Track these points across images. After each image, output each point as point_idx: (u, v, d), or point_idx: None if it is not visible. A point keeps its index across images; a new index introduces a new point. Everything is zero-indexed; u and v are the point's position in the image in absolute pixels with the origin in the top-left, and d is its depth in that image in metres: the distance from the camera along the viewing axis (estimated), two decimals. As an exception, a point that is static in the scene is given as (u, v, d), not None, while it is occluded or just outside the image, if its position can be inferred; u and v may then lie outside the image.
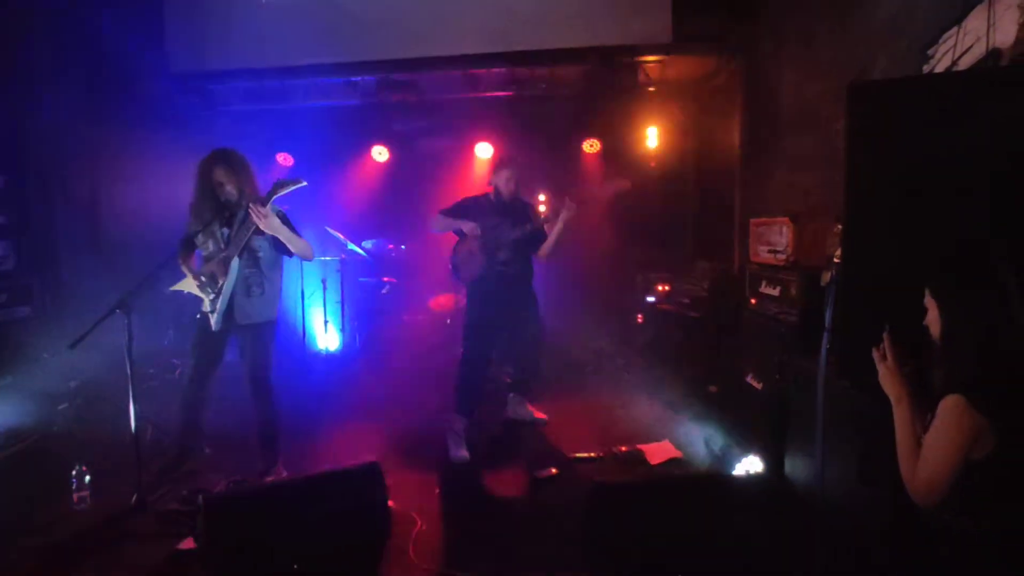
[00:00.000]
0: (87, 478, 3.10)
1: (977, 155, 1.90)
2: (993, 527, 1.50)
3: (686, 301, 5.05)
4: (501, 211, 3.94)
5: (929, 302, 1.65)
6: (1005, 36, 2.26)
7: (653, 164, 6.21)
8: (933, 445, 1.53)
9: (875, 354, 1.75)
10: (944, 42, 2.62)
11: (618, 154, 6.32)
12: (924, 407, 1.63)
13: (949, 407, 1.50)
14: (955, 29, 2.55)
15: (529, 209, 4.07)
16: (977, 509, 1.51)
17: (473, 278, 3.94)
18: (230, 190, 3.25)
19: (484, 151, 6.50)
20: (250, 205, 3.12)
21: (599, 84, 5.46)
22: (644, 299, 5.60)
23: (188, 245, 3.36)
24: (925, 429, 1.59)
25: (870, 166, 2.02)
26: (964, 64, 2.46)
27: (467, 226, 3.86)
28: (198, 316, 3.36)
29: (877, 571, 2.06)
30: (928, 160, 1.94)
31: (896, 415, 1.67)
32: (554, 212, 3.92)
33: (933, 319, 1.65)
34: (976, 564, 1.52)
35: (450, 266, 4.08)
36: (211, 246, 3.30)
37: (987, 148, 1.89)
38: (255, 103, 6.01)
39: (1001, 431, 1.46)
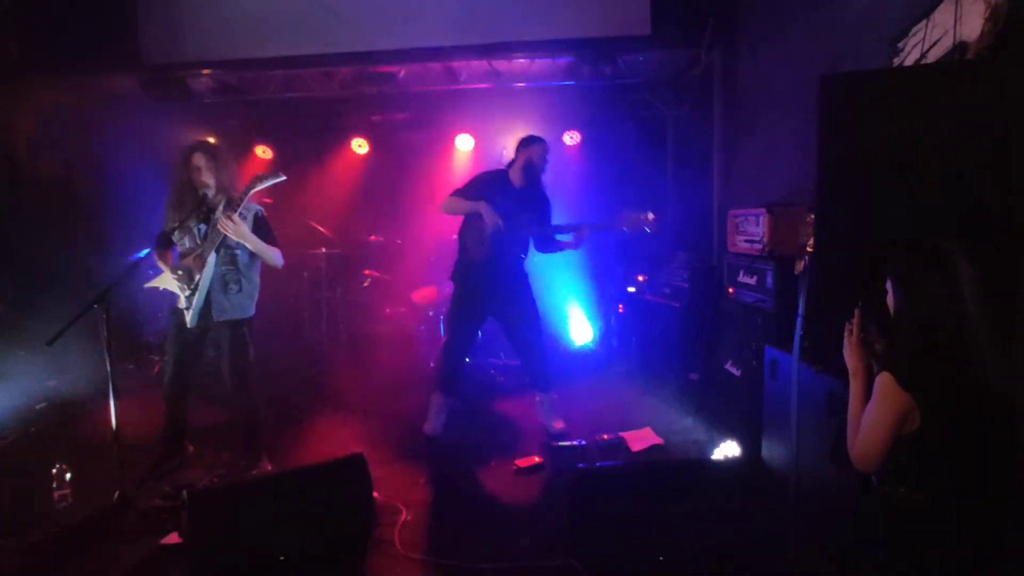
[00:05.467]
0: (67, 476, 3.07)
1: (943, 146, 1.96)
2: (925, 498, 1.59)
3: (667, 291, 5.11)
4: (520, 198, 3.78)
5: (888, 285, 1.72)
6: (971, 30, 2.32)
7: (632, 154, 6.27)
8: (867, 417, 1.63)
9: (845, 329, 1.82)
10: (913, 35, 2.68)
11: (597, 145, 6.36)
12: None
13: (880, 383, 1.60)
14: (924, 22, 2.61)
15: (547, 203, 3.93)
16: (910, 481, 1.61)
17: (480, 260, 3.78)
18: (208, 179, 3.21)
19: (464, 143, 6.49)
20: (221, 215, 3.10)
21: (578, 76, 5.48)
22: (626, 289, 5.66)
23: (165, 241, 3.32)
24: None
25: (841, 157, 2.07)
26: (932, 57, 2.52)
27: (488, 214, 3.64)
28: (174, 313, 3.33)
29: (847, 547, 2.13)
30: (897, 151, 2.00)
31: (851, 387, 1.75)
32: (576, 238, 3.84)
33: (890, 301, 1.72)
34: (913, 531, 1.62)
35: (459, 243, 3.91)
36: (187, 242, 3.26)
37: (952, 140, 1.96)
38: (232, 95, 5.93)
39: (924, 410, 1.54)
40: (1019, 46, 2.05)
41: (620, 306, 5.77)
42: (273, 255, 3.32)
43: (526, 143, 3.85)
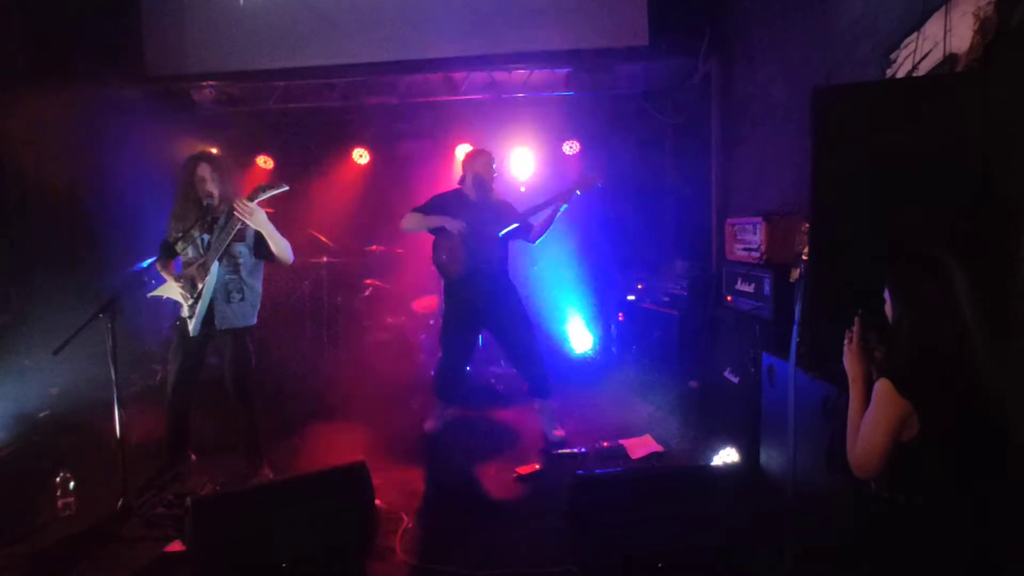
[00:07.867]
0: (71, 485, 3.09)
1: (933, 157, 2.00)
2: (925, 503, 1.61)
3: (666, 299, 5.14)
4: (479, 210, 3.90)
5: (886, 293, 1.75)
6: (961, 42, 2.36)
7: (631, 164, 6.31)
8: (866, 423, 1.65)
9: (845, 336, 1.84)
10: (905, 47, 2.73)
11: (597, 155, 6.41)
12: None
13: (879, 390, 1.62)
14: (915, 35, 2.65)
15: (508, 206, 4.02)
16: (909, 486, 1.63)
17: (459, 275, 3.89)
18: (211, 190, 3.25)
19: (464, 153, 6.53)
20: (236, 200, 3.13)
21: (577, 86, 5.53)
22: (625, 298, 5.69)
23: (168, 251, 3.36)
24: None
25: (835, 167, 2.11)
26: (923, 69, 2.56)
27: (451, 223, 3.78)
28: (176, 322, 3.36)
29: (845, 553, 2.15)
30: (889, 161, 2.04)
31: (851, 393, 1.77)
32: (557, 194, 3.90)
33: (888, 309, 1.75)
34: (912, 536, 1.64)
35: (435, 266, 4.04)
36: (191, 252, 3.30)
37: (943, 149, 2.00)
38: (234, 106, 5.99)
39: (923, 417, 1.57)
40: (1006, 57, 2.09)
41: (620, 314, 5.80)
42: (285, 245, 3.30)
43: (471, 160, 4.01)
